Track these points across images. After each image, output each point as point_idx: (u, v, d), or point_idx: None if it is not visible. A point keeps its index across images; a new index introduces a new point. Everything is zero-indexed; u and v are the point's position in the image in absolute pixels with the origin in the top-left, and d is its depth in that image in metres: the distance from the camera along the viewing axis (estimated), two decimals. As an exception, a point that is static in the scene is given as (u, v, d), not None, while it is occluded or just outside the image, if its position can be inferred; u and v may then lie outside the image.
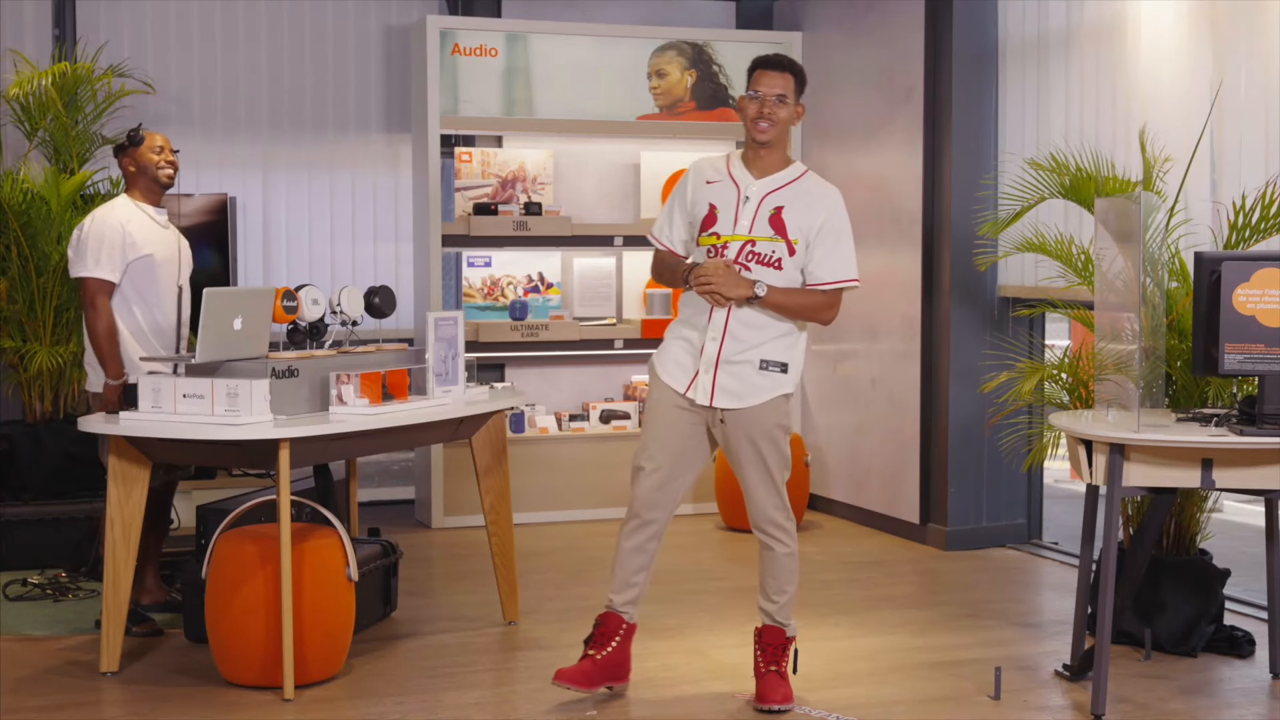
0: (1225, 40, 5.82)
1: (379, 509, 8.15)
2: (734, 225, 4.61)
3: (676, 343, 4.71)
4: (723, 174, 4.69)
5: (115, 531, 4.97)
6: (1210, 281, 4.60)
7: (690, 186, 4.72)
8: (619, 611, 4.75)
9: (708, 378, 4.62)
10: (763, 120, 4.59)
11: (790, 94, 4.63)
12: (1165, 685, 4.94)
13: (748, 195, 4.62)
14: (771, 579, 4.75)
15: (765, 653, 4.74)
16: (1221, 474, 4.51)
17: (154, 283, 5.46)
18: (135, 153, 5.52)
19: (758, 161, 4.66)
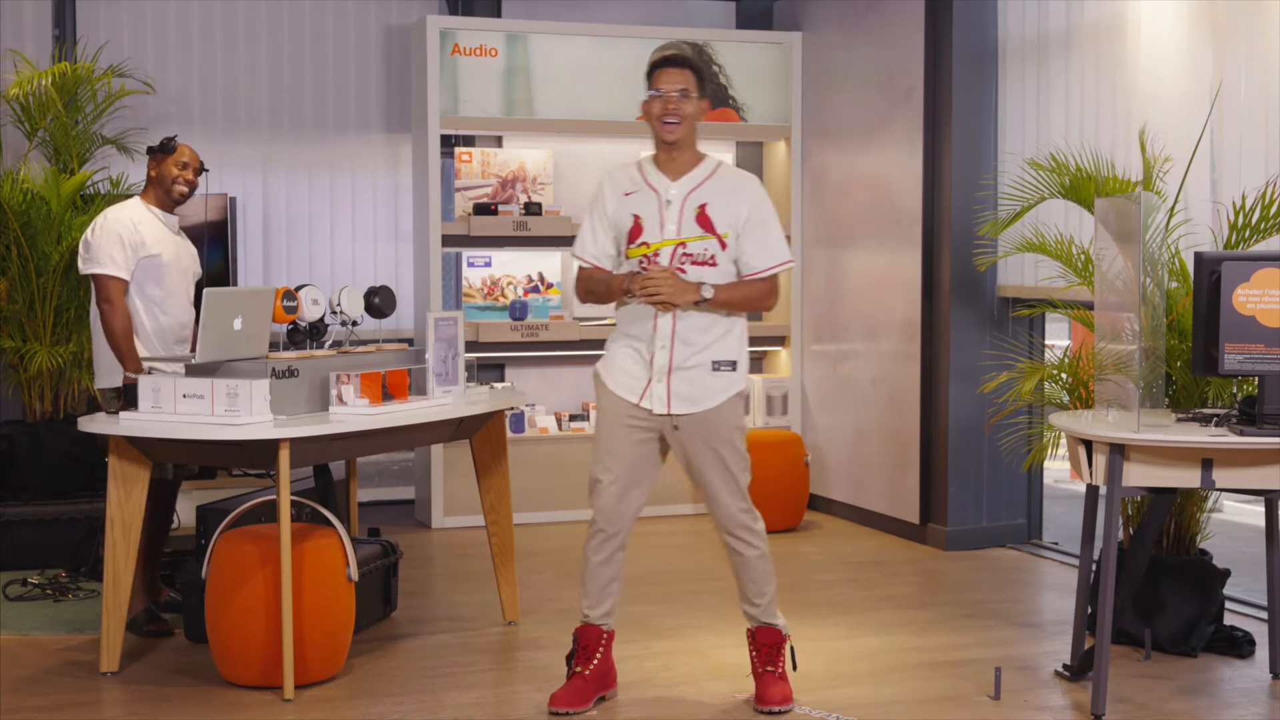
0: (1225, 40, 5.82)
1: (379, 509, 8.15)
2: (661, 231, 4.53)
3: (624, 351, 4.62)
4: (638, 183, 4.61)
5: (115, 531, 4.97)
6: (1210, 281, 4.60)
7: (609, 200, 4.62)
8: (597, 624, 4.72)
9: (661, 386, 4.55)
10: (669, 118, 4.52)
11: (692, 89, 4.55)
12: (1165, 685, 4.94)
13: (669, 199, 4.55)
14: (750, 583, 4.70)
15: (761, 653, 4.72)
16: (1221, 474, 4.51)
17: (160, 282, 5.47)
18: (161, 160, 5.55)
19: (671, 163, 4.60)
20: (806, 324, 8.31)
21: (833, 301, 8.05)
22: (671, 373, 4.55)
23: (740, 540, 4.67)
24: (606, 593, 4.69)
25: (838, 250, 7.99)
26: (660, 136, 4.56)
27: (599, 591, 4.68)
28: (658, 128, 4.55)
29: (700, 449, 4.60)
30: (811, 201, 8.25)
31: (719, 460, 4.61)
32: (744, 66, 8.27)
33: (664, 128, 4.54)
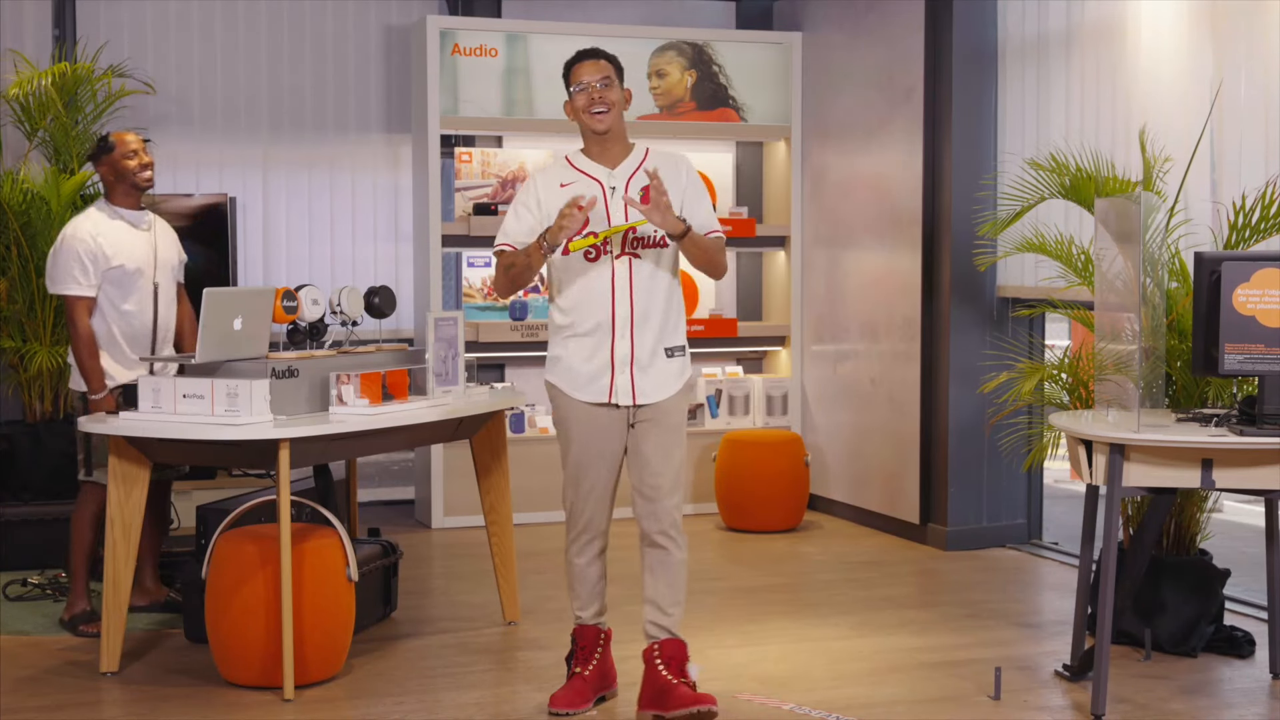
0: (1225, 40, 5.81)
1: (379, 509, 8.16)
2: (609, 220, 4.48)
3: (575, 353, 4.53)
4: (574, 175, 4.55)
5: (115, 531, 4.97)
6: (1210, 281, 4.60)
7: (541, 192, 4.54)
8: (593, 624, 4.71)
9: (624, 377, 4.49)
10: (597, 107, 4.48)
11: (613, 76, 4.52)
12: (1165, 685, 4.94)
13: (612, 185, 4.52)
14: (668, 588, 4.55)
15: (670, 667, 4.53)
16: (1221, 474, 4.51)
17: (128, 293, 5.46)
18: (110, 159, 5.51)
19: (605, 153, 4.56)
20: (806, 324, 8.31)
21: (833, 301, 8.05)
22: (634, 362, 4.49)
23: (672, 540, 4.55)
24: (595, 593, 4.68)
25: (838, 250, 7.99)
26: (591, 127, 4.51)
27: (588, 593, 4.67)
28: (587, 119, 4.50)
29: (654, 440, 4.52)
30: (811, 201, 8.25)
31: (669, 452, 4.54)
32: (744, 66, 8.27)
33: (594, 118, 4.49)
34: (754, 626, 5.72)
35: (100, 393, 5.40)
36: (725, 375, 8.35)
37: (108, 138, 5.54)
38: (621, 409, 4.54)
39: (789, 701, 4.75)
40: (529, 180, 4.65)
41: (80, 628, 5.51)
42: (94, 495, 5.51)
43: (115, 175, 5.52)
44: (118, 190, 5.54)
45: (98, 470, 5.48)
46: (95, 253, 5.39)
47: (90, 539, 5.56)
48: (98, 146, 5.54)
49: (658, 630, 4.58)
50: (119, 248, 5.45)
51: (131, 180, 5.52)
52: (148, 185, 5.57)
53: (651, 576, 4.57)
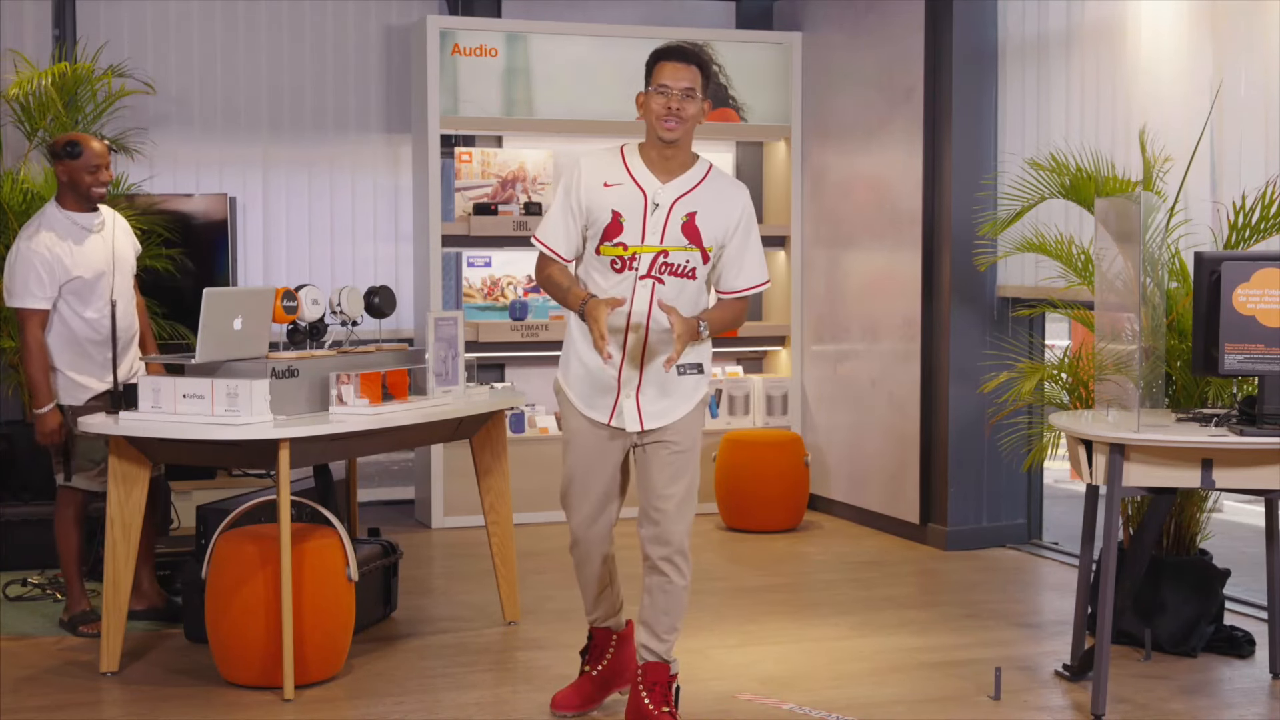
0: (1225, 40, 5.81)
1: (379, 509, 8.16)
2: (643, 236, 4.20)
3: (587, 363, 4.30)
4: (623, 175, 4.25)
5: (115, 531, 4.98)
6: (1210, 281, 4.60)
7: (584, 189, 4.25)
8: (605, 626, 4.69)
9: (630, 402, 4.27)
10: (670, 118, 4.18)
11: (698, 87, 4.21)
12: (1165, 685, 4.94)
13: (656, 202, 4.22)
14: (665, 615, 4.34)
15: (654, 694, 4.35)
16: (1221, 474, 4.51)
17: (89, 301, 5.40)
18: (70, 166, 5.41)
19: (664, 162, 4.26)
20: (807, 324, 8.31)
21: (833, 301, 8.05)
22: (640, 388, 4.29)
23: (675, 568, 4.32)
24: (603, 598, 4.62)
25: (838, 250, 7.99)
26: (659, 134, 4.22)
27: (594, 598, 4.63)
28: (657, 125, 4.21)
29: (664, 462, 4.31)
30: (811, 202, 8.25)
31: (680, 474, 4.32)
32: (744, 66, 8.27)
33: (664, 126, 4.20)
34: (754, 626, 5.72)
35: (45, 407, 5.35)
36: (725, 375, 8.35)
37: (76, 144, 5.41)
38: (625, 433, 4.36)
39: (789, 701, 4.75)
40: (576, 170, 4.32)
41: (80, 628, 5.51)
42: (71, 499, 5.54)
43: (70, 181, 5.42)
44: (69, 196, 5.44)
45: (78, 476, 5.48)
46: (53, 265, 5.32)
47: (76, 540, 5.57)
48: (64, 148, 5.41)
49: (647, 654, 4.39)
50: (77, 258, 5.37)
51: (83, 191, 5.42)
52: (100, 200, 5.48)
53: (650, 600, 4.37)
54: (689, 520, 4.35)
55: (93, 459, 5.47)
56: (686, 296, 4.28)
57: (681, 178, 4.29)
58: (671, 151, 4.27)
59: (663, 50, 4.27)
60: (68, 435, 5.41)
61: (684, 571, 4.35)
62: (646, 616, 4.37)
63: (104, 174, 5.45)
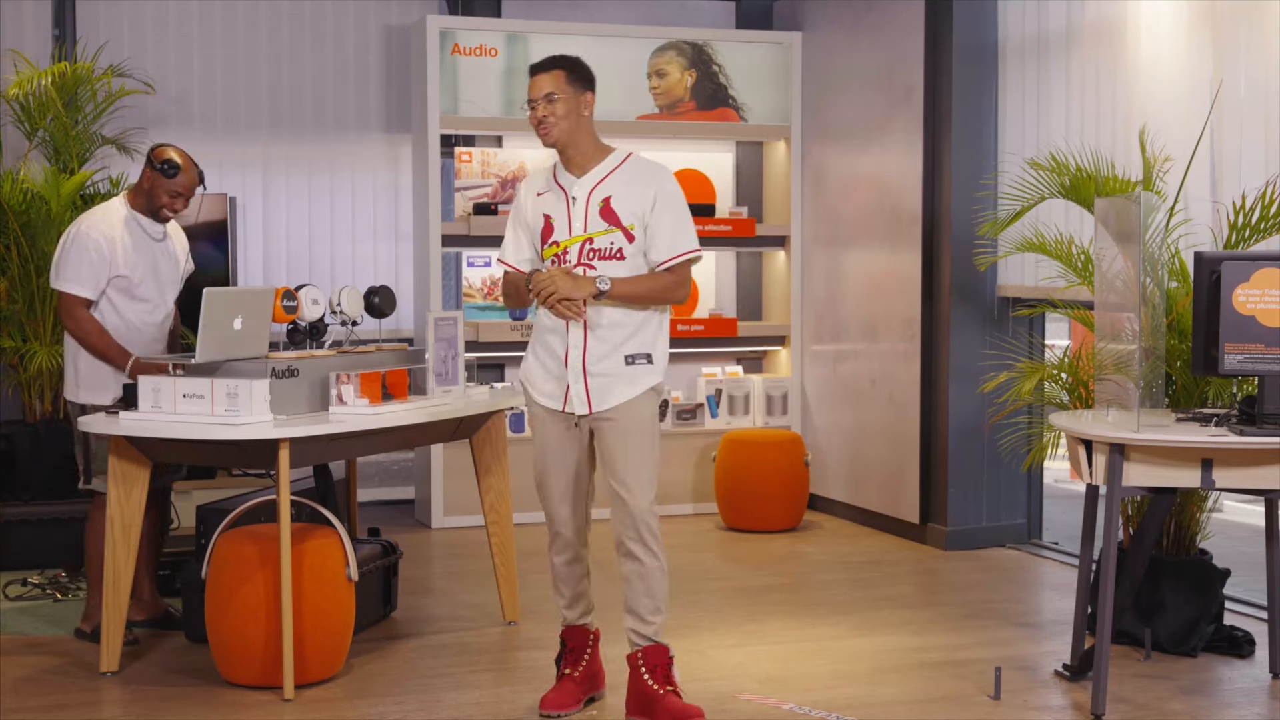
0: (1225, 40, 5.81)
1: (379, 509, 8.16)
2: (569, 230, 4.50)
3: (541, 356, 4.60)
4: (550, 183, 4.59)
5: (115, 531, 4.97)
6: (1210, 281, 4.60)
7: (525, 203, 4.62)
8: (582, 624, 4.72)
9: (579, 386, 4.50)
10: (541, 126, 4.49)
11: (560, 88, 4.47)
12: (1165, 685, 4.94)
13: (574, 195, 4.52)
14: (647, 598, 4.51)
15: (655, 675, 4.52)
16: (1221, 474, 4.51)
17: (131, 299, 5.38)
18: (156, 176, 5.36)
19: (571, 162, 4.56)
20: (806, 324, 8.32)
21: (833, 301, 8.05)
22: (586, 372, 4.49)
23: (644, 548, 4.48)
24: (579, 593, 4.71)
25: (838, 250, 7.99)
26: (542, 143, 4.55)
27: (572, 593, 4.70)
28: (538, 135, 4.54)
29: (618, 443, 4.49)
30: (811, 201, 8.25)
31: (629, 454, 4.49)
32: (744, 66, 8.27)
33: (540, 134, 4.52)
34: (754, 626, 5.72)
35: (128, 362, 5.25)
36: (725, 375, 8.35)
37: (177, 167, 5.34)
38: (577, 418, 4.54)
39: (789, 701, 4.75)
40: (523, 183, 4.72)
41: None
42: (104, 503, 5.37)
43: (149, 190, 5.39)
44: (142, 200, 5.41)
45: (98, 478, 5.39)
46: (106, 257, 5.29)
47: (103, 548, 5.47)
48: (162, 164, 5.34)
49: (639, 639, 4.54)
50: (130, 258, 5.34)
51: (155, 206, 5.39)
52: (164, 221, 5.46)
53: (629, 587, 4.53)
54: (650, 499, 4.50)
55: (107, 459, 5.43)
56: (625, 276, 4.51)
57: (595, 169, 4.56)
58: (572, 151, 4.55)
59: (529, 68, 4.60)
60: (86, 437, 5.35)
61: (654, 551, 4.51)
62: (631, 605, 4.54)
63: (180, 204, 5.41)
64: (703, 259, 4.76)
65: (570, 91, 4.49)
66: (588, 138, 4.56)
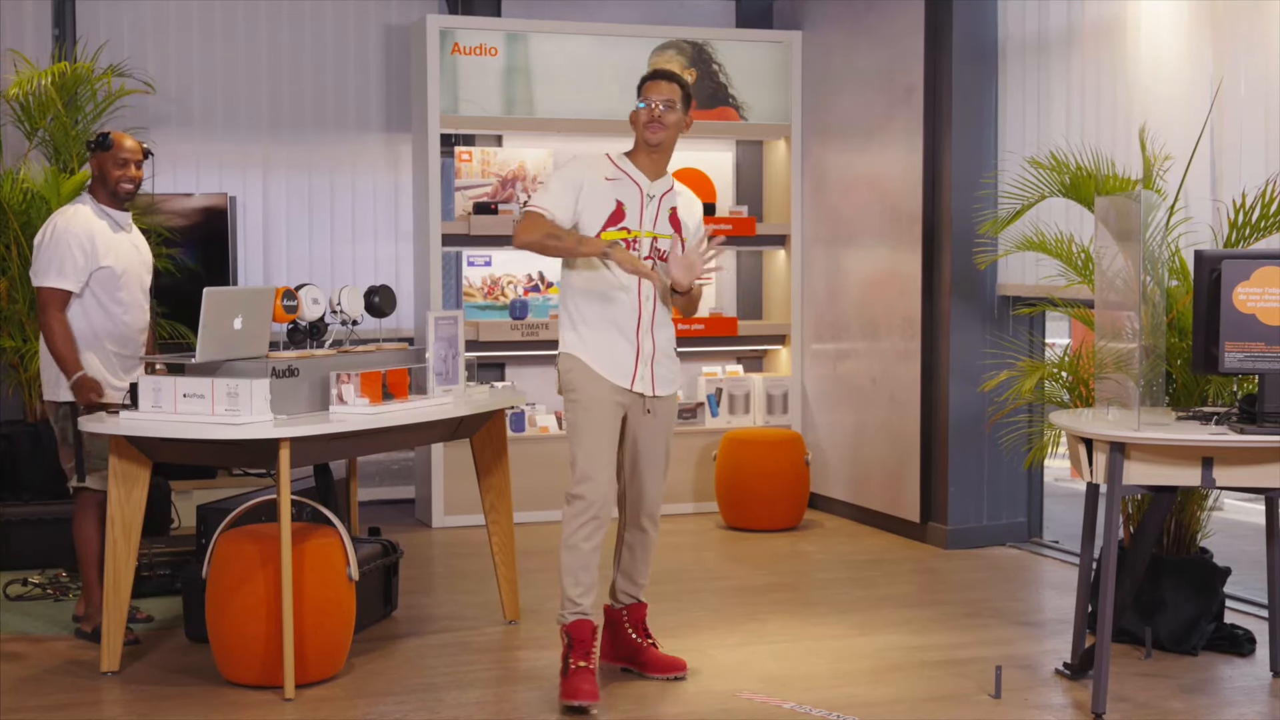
0: (1225, 38, 5.81)
1: (379, 508, 8.16)
2: (640, 223, 4.81)
3: (606, 334, 4.80)
4: (619, 172, 4.85)
5: (115, 530, 4.97)
6: (1210, 280, 4.60)
7: (587, 178, 4.81)
8: (588, 615, 4.74)
9: (647, 369, 4.82)
10: (655, 124, 4.79)
11: (677, 101, 4.83)
12: (1166, 684, 4.94)
13: (650, 194, 4.85)
14: (644, 564, 5.02)
15: (638, 629, 5.02)
16: (1222, 472, 4.50)
17: (115, 294, 5.38)
18: (101, 158, 5.42)
19: (650, 165, 4.87)
20: (807, 323, 8.31)
21: (833, 300, 8.05)
22: (654, 358, 4.85)
23: (655, 524, 4.99)
24: (596, 579, 4.77)
25: (838, 249, 7.99)
26: (645, 139, 4.82)
27: (592, 578, 4.74)
28: (643, 131, 4.82)
29: (656, 432, 4.90)
30: (812, 200, 8.25)
31: (664, 447, 4.95)
32: (744, 65, 8.27)
33: (649, 130, 4.80)
34: (754, 625, 5.72)
35: (75, 374, 5.22)
36: (725, 374, 8.35)
37: (108, 136, 5.44)
38: (640, 398, 4.84)
39: (790, 700, 4.75)
40: (574, 164, 4.88)
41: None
42: (89, 501, 5.43)
43: (100, 174, 5.44)
44: (100, 190, 5.46)
45: (91, 476, 5.38)
46: (88, 249, 5.30)
47: (98, 546, 5.40)
48: (97, 140, 5.45)
49: (626, 598, 5.04)
50: (109, 248, 5.37)
51: (111, 187, 5.42)
52: (127, 197, 5.46)
53: (630, 554, 5.00)
54: (662, 485, 5.01)
55: (104, 458, 5.41)
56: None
57: (664, 179, 4.94)
58: (658, 156, 4.89)
59: (648, 73, 4.97)
60: (78, 435, 5.35)
61: (658, 527, 5.04)
62: (626, 568, 5.02)
63: (133, 170, 5.44)
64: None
65: (681, 108, 4.87)
66: (671, 151, 4.92)
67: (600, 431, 4.76)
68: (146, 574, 5.90)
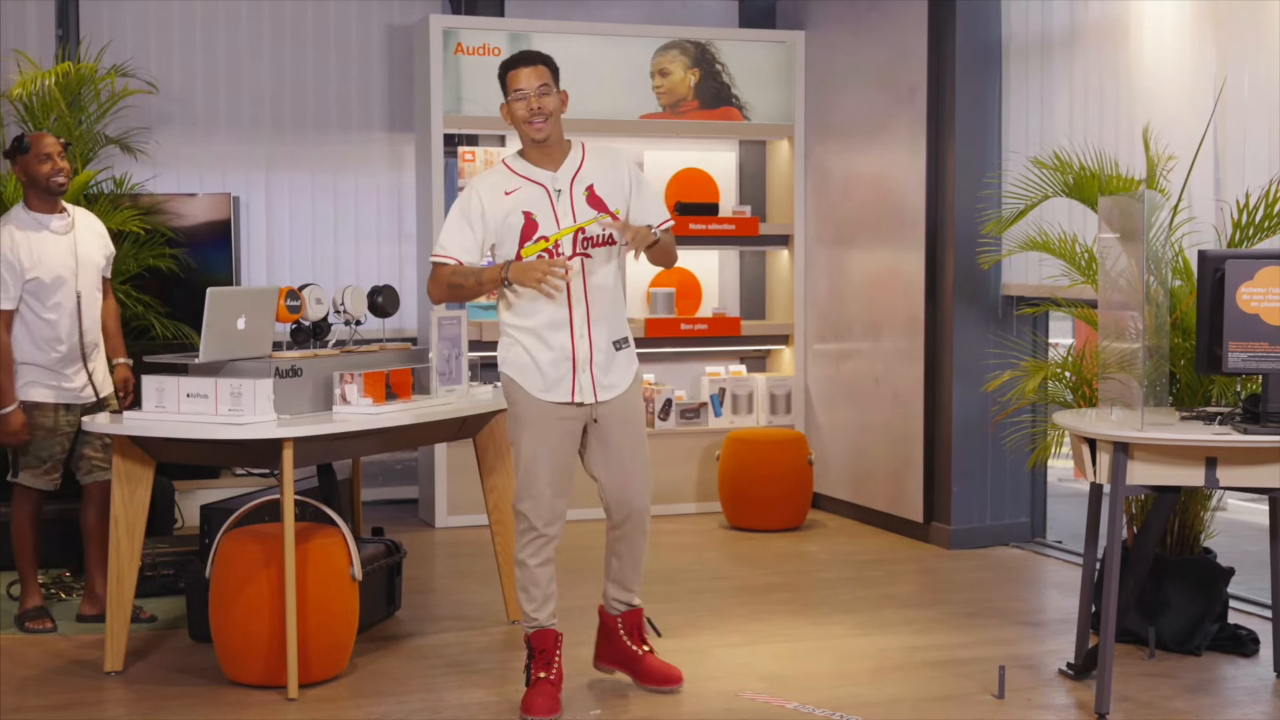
0: (1229, 38, 5.81)
1: (383, 508, 8.16)
2: (557, 222, 4.53)
3: (537, 351, 4.56)
4: (517, 181, 4.57)
5: (119, 530, 4.98)
6: (1214, 280, 4.59)
7: (484, 202, 4.54)
8: (549, 626, 4.71)
9: (585, 376, 4.57)
10: (536, 117, 4.51)
11: (551, 83, 4.54)
12: (1169, 684, 4.93)
13: (558, 189, 4.56)
14: (633, 571, 4.82)
15: (633, 636, 4.86)
16: (1225, 472, 4.50)
17: (46, 302, 5.40)
18: (23, 161, 5.41)
19: (546, 157, 4.59)
20: (810, 323, 8.31)
21: (836, 300, 8.05)
22: (593, 360, 4.58)
23: (639, 526, 4.75)
24: (549, 593, 4.69)
25: (841, 249, 7.99)
26: (530, 136, 4.55)
27: (544, 592, 4.67)
28: (525, 129, 4.54)
29: (618, 430, 4.65)
30: (814, 200, 8.25)
31: (636, 439, 4.69)
32: (747, 65, 8.27)
33: (533, 128, 4.52)
34: (757, 625, 5.72)
35: (8, 408, 5.32)
36: (728, 374, 8.35)
37: (23, 138, 5.43)
38: (584, 407, 4.61)
39: (792, 700, 4.75)
40: (469, 189, 4.61)
41: (27, 624, 5.51)
42: (25, 496, 5.53)
43: (27, 178, 5.42)
44: (31, 194, 5.44)
45: (24, 473, 5.48)
46: (14, 265, 5.32)
47: (32, 539, 5.55)
48: (12, 145, 5.43)
49: (620, 605, 4.86)
50: (36, 259, 5.36)
51: (42, 185, 5.41)
52: (60, 190, 5.45)
53: (618, 561, 4.80)
54: (647, 482, 4.74)
55: (39, 456, 5.46)
56: (612, 262, 4.64)
57: (566, 162, 4.62)
58: (549, 146, 4.59)
59: (506, 62, 4.60)
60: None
61: (648, 526, 4.78)
62: (617, 575, 4.82)
63: (59, 162, 5.41)
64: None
65: (555, 86, 4.57)
66: (561, 133, 4.63)
67: (539, 447, 4.56)
68: (150, 574, 5.91)
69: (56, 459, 5.47)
